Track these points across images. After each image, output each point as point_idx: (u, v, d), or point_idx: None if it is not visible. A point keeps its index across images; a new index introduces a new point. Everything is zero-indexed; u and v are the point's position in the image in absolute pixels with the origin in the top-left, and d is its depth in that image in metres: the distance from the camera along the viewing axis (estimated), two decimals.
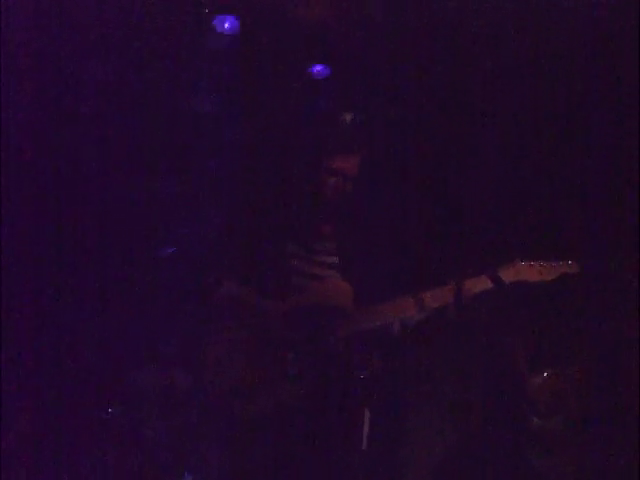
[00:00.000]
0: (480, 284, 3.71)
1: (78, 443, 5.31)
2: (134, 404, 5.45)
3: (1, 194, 5.09)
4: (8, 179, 5.14)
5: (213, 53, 5.86)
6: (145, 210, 5.87)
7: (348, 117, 3.77)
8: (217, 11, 5.75)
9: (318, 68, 5.99)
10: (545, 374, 5.05)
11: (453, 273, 3.71)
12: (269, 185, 4.05)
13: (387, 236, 4.69)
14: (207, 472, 5.17)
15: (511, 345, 5.23)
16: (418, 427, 5.64)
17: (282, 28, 5.79)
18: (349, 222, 3.90)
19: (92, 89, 5.73)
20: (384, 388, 4.63)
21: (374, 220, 4.34)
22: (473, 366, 5.49)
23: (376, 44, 5.77)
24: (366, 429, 3.73)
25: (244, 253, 3.74)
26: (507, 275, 3.77)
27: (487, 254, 5.19)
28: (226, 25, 5.81)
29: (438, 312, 3.73)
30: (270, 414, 3.51)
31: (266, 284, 3.69)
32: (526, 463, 5.03)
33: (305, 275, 3.74)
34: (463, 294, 3.64)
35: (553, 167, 5.47)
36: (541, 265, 3.81)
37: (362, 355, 3.70)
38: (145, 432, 5.39)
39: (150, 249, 5.55)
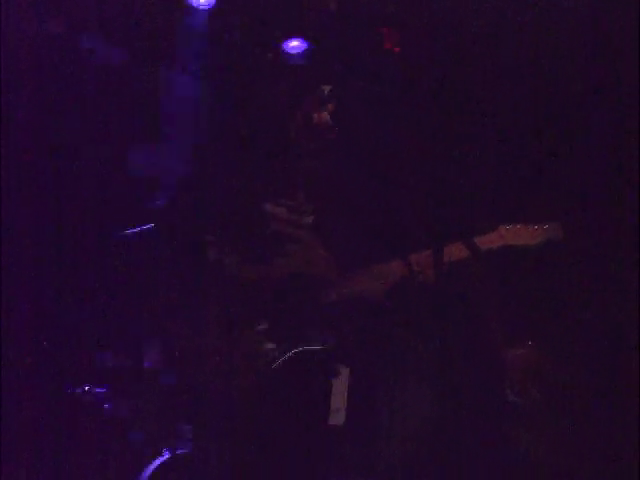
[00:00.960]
0: (463, 250, 3.66)
1: (53, 423, 5.29)
2: (110, 383, 5.45)
3: None
4: None
5: (188, 27, 5.76)
6: (120, 181, 5.81)
7: (326, 89, 3.72)
8: None
9: (294, 42, 5.94)
10: (522, 348, 5.12)
11: (438, 237, 3.64)
12: (242, 145, 3.91)
13: (367, 197, 4.66)
14: (188, 450, 5.20)
15: (488, 318, 5.29)
16: (394, 400, 5.72)
17: (258, 1, 5.72)
18: (326, 182, 3.85)
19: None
20: (361, 359, 4.64)
21: (351, 182, 4.28)
22: (451, 338, 5.55)
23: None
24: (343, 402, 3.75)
25: (222, 217, 3.66)
26: (492, 240, 3.70)
27: (472, 218, 5.23)
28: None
29: (424, 277, 3.67)
30: (251, 388, 3.48)
31: (246, 250, 3.62)
32: (504, 438, 5.13)
33: (284, 239, 3.65)
34: (447, 259, 3.58)
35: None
36: (526, 228, 3.73)
37: (342, 323, 3.67)
38: (122, 411, 5.40)
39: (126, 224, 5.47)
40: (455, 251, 3.62)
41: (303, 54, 5.91)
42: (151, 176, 5.83)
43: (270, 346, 3.49)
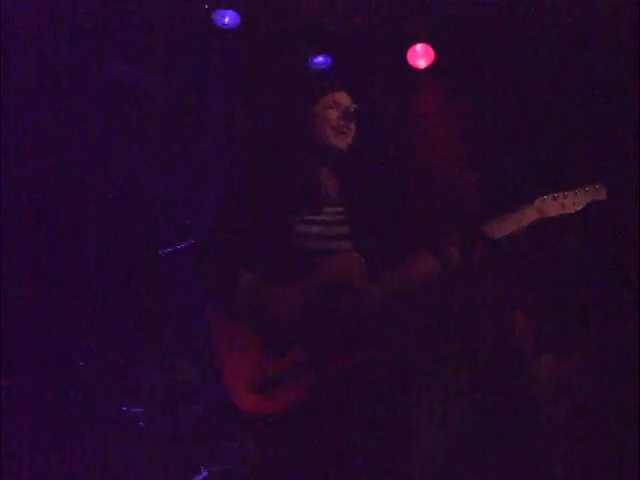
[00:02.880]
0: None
1: (91, 441, 5.32)
2: (148, 400, 5.47)
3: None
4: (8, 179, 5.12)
5: (213, 47, 5.81)
6: (144, 205, 5.85)
7: (353, 106, 3.73)
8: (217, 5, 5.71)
9: (320, 58, 5.98)
10: (550, 357, 5.11)
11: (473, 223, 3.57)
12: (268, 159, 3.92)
13: (396, 187, 4.62)
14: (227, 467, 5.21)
15: (519, 325, 5.28)
16: (423, 413, 5.73)
17: (283, 19, 5.76)
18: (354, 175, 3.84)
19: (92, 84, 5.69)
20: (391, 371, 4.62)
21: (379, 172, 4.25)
22: (480, 346, 5.56)
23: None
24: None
25: (251, 237, 3.64)
26: (529, 215, 3.55)
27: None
28: (226, 19, 5.77)
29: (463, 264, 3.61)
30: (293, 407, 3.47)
31: (278, 267, 3.59)
32: (532, 451, 5.11)
33: (316, 252, 3.62)
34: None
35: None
36: (563, 196, 3.56)
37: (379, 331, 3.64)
38: (161, 428, 5.42)
39: (156, 244, 5.52)
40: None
41: (327, 69, 5.95)
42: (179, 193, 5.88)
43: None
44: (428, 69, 6.26)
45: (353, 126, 3.71)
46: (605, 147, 5.57)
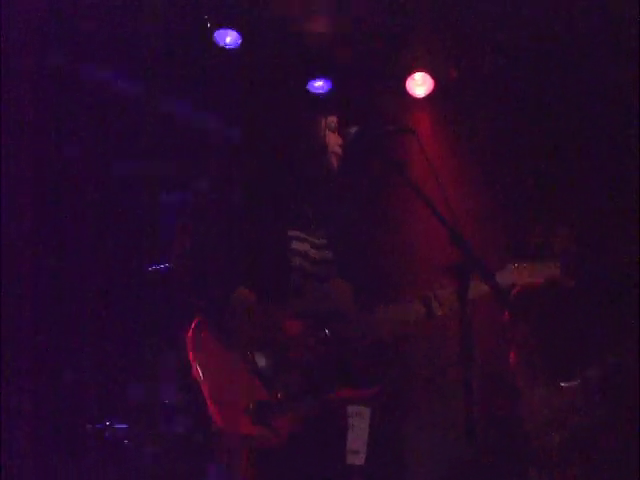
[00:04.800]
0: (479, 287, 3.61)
1: (75, 457, 5.29)
2: (135, 418, 5.44)
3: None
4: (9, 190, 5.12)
5: (214, 66, 5.83)
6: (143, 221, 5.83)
7: (352, 130, 3.73)
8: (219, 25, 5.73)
9: (319, 82, 5.99)
10: (542, 390, 5.10)
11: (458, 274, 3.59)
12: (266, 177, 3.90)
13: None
14: None
15: (512, 360, 5.26)
16: (417, 446, 5.71)
17: (283, 42, 5.79)
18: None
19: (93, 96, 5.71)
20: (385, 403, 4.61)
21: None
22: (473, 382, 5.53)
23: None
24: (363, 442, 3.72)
25: (247, 256, 3.61)
26: (502, 278, 3.57)
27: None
28: (227, 39, 5.79)
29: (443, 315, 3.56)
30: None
31: (269, 287, 3.54)
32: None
33: (308, 274, 3.61)
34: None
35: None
36: (532, 266, 3.66)
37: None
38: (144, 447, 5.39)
39: (148, 261, 5.51)
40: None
41: (327, 93, 5.96)
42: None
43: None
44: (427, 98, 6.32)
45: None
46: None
